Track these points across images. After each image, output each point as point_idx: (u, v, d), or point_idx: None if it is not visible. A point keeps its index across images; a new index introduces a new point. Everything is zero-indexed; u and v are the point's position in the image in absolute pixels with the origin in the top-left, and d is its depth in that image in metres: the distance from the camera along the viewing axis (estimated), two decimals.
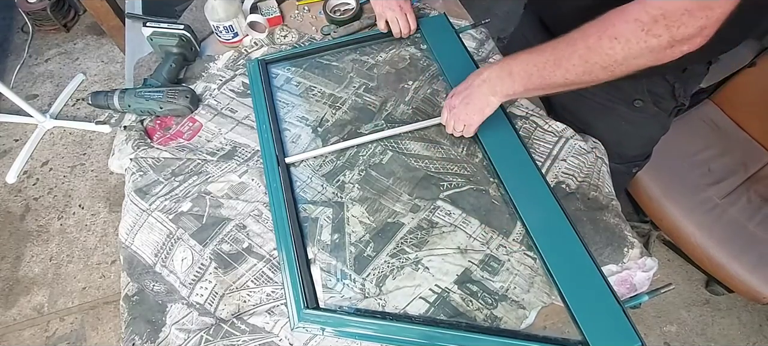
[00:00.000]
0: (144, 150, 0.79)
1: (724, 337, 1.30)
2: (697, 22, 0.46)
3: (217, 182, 0.74)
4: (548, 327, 0.60)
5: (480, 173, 0.73)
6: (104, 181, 1.71)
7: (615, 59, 0.52)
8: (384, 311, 0.62)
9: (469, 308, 0.61)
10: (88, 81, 2.03)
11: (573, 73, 0.56)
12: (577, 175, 0.71)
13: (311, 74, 0.88)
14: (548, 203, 0.67)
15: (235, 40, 0.93)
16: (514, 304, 0.61)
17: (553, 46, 0.58)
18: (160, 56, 0.89)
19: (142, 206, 0.73)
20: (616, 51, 0.51)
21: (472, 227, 0.67)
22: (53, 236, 1.59)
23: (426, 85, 0.84)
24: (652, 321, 1.33)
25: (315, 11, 0.99)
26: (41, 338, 1.39)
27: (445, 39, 0.88)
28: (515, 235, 0.67)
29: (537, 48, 0.60)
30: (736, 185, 1.19)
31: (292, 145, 0.79)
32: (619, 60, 0.52)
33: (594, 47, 0.53)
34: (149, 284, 0.66)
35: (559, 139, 0.75)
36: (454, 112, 0.71)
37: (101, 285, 1.48)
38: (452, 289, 0.63)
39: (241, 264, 0.67)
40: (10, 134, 1.87)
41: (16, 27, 2.26)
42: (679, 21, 0.46)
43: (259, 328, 0.61)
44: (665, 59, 0.50)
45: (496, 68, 0.65)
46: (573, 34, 0.55)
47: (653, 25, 0.48)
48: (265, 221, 0.70)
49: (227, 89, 0.87)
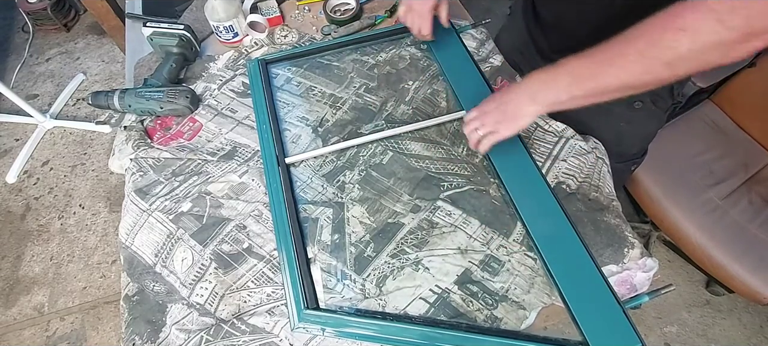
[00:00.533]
0: (144, 150, 0.79)
1: (725, 338, 1.30)
2: None
3: (217, 182, 0.74)
4: (548, 328, 0.60)
5: (480, 174, 0.73)
6: (105, 181, 1.71)
7: (680, 53, 0.46)
8: (384, 311, 0.62)
9: (469, 309, 0.61)
10: (88, 81, 2.03)
11: (629, 71, 0.50)
12: (578, 175, 0.71)
13: (311, 74, 0.88)
14: (549, 203, 0.67)
15: (235, 40, 0.93)
16: (515, 304, 0.61)
17: (604, 46, 0.52)
18: (160, 56, 0.89)
19: (143, 206, 0.73)
20: (681, 43, 0.46)
21: (472, 228, 0.67)
22: (54, 236, 1.59)
23: (426, 86, 0.84)
24: (653, 322, 1.33)
25: (315, 11, 0.99)
26: (41, 337, 1.39)
27: (445, 39, 0.88)
28: (515, 235, 0.67)
29: (585, 51, 0.54)
30: (736, 186, 1.19)
31: (293, 145, 0.79)
32: (683, 55, 0.46)
33: (656, 41, 0.47)
34: (149, 284, 0.66)
35: (559, 140, 0.75)
36: (486, 113, 0.64)
37: (101, 285, 1.48)
38: (452, 289, 0.63)
39: (242, 264, 0.66)
40: (11, 134, 1.87)
41: (16, 27, 2.26)
42: (761, 12, 0.42)
43: (260, 328, 0.61)
44: (734, 57, 0.46)
45: (539, 73, 0.59)
46: (630, 31, 0.50)
47: (730, 14, 0.43)
48: (266, 222, 0.70)
49: (227, 89, 0.87)
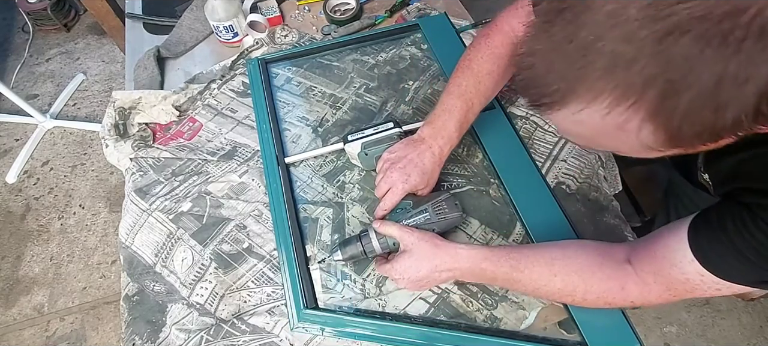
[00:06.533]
0: (144, 150, 0.79)
1: (725, 338, 1.30)
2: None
3: (217, 182, 0.74)
4: (548, 328, 0.60)
5: (480, 174, 0.73)
6: (105, 181, 1.71)
7: (607, 303, 0.51)
8: (384, 311, 0.62)
9: (468, 309, 0.61)
10: (88, 81, 2.03)
11: (545, 292, 0.55)
12: (578, 176, 0.71)
13: (311, 74, 0.88)
14: (548, 203, 0.67)
15: (235, 40, 0.93)
16: (514, 305, 0.61)
17: (536, 260, 0.54)
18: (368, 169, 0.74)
19: (143, 206, 0.73)
20: (616, 302, 0.51)
21: (472, 228, 0.67)
22: (54, 236, 1.59)
23: (426, 85, 0.84)
24: (653, 322, 1.33)
25: (315, 11, 0.99)
26: (41, 338, 1.39)
27: (445, 39, 0.88)
28: (515, 235, 0.67)
29: (516, 252, 0.56)
30: None
31: (293, 145, 0.79)
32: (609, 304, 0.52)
33: (595, 291, 0.52)
34: (149, 284, 0.66)
35: (559, 140, 0.75)
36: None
37: (101, 285, 1.48)
38: (452, 289, 0.63)
39: (242, 264, 0.66)
40: (11, 134, 1.87)
41: (16, 27, 2.26)
42: None
43: (260, 328, 0.61)
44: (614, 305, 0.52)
45: (469, 263, 0.56)
46: (576, 266, 0.53)
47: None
48: (266, 221, 0.70)
49: (227, 89, 0.87)
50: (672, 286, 0.45)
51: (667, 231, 0.46)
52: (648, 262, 0.47)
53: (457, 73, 0.65)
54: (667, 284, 0.46)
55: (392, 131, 0.70)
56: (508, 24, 0.63)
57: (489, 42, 0.63)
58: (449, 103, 0.63)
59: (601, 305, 0.52)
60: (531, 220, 0.66)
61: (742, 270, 0.40)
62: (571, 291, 0.52)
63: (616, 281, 0.50)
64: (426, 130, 0.65)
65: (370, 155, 0.69)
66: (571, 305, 0.57)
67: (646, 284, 0.48)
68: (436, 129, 0.63)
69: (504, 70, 0.64)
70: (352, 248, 0.61)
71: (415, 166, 0.62)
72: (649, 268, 0.47)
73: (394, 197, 0.62)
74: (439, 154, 0.63)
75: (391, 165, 0.63)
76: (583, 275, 0.51)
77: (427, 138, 0.64)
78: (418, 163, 0.62)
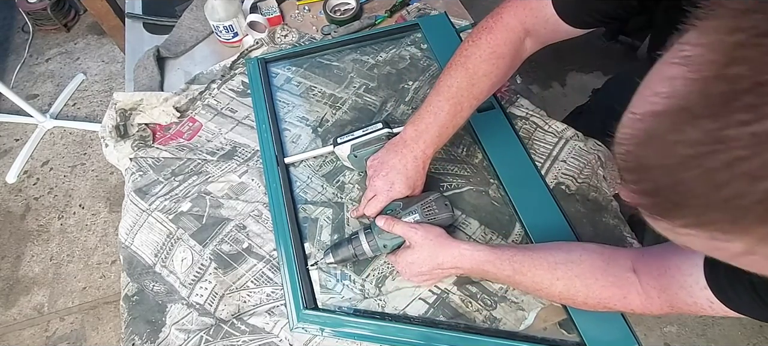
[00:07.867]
0: (144, 150, 0.79)
1: (725, 338, 1.30)
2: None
3: (217, 182, 0.74)
4: (547, 329, 0.60)
5: (480, 174, 0.73)
6: (104, 181, 1.71)
7: (606, 307, 0.51)
8: (383, 311, 0.62)
9: (468, 309, 0.61)
10: (88, 81, 2.03)
11: (546, 294, 0.55)
12: (577, 176, 0.71)
13: (311, 74, 0.88)
14: (548, 204, 0.67)
15: (235, 40, 0.93)
16: (514, 305, 0.61)
17: (539, 263, 0.54)
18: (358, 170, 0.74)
19: (142, 206, 0.73)
20: (616, 307, 0.51)
21: (471, 228, 0.67)
22: (53, 236, 1.59)
23: (426, 85, 0.84)
24: (653, 322, 1.33)
25: (315, 11, 0.99)
26: (41, 338, 1.39)
27: (445, 39, 0.88)
28: (514, 236, 0.67)
29: (521, 255, 0.55)
30: None
31: (292, 145, 0.79)
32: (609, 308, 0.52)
33: (596, 296, 0.51)
34: (149, 284, 0.66)
35: (559, 140, 0.75)
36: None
37: (101, 285, 1.48)
38: (451, 290, 0.63)
39: (241, 264, 0.67)
40: (11, 134, 1.87)
41: (16, 27, 2.26)
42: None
43: (259, 328, 0.61)
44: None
45: (471, 260, 0.56)
46: (582, 272, 0.52)
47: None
48: (265, 222, 0.70)
49: (227, 89, 0.87)
50: (676, 305, 0.44)
51: (682, 252, 0.43)
52: (655, 277, 0.46)
53: (450, 69, 0.59)
54: (672, 302, 0.45)
55: (381, 132, 0.68)
56: (516, 17, 0.56)
57: (491, 39, 0.57)
58: (436, 105, 0.59)
59: (601, 309, 0.52)
60: (530, 220, 0.66)
61: (755, 307, 0.38)
62: (573, 295, 0.52)
63: (618, 289, 0.49)
64: (409, 131, 0.61)
65: (359, 157, 0.69)
66: (572, 307, 0.57)
67: (650, 297, 0.47)
68: (420, 131, 0.60)
69: (504, 72, 0.58)
70: (344, 250, 0.61)
71: (399, 173, 0.60)
72: (655, 283, 0.46)
73: (378, 204, 0.61)
74: (423, 158, 0.60)
75: (374, 172, 0.63)
76: (586, 281, 0.51)
77: (409, 141, 0.61)
78: (400, 169, 0.61)
